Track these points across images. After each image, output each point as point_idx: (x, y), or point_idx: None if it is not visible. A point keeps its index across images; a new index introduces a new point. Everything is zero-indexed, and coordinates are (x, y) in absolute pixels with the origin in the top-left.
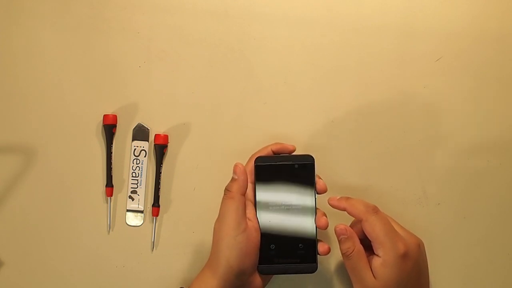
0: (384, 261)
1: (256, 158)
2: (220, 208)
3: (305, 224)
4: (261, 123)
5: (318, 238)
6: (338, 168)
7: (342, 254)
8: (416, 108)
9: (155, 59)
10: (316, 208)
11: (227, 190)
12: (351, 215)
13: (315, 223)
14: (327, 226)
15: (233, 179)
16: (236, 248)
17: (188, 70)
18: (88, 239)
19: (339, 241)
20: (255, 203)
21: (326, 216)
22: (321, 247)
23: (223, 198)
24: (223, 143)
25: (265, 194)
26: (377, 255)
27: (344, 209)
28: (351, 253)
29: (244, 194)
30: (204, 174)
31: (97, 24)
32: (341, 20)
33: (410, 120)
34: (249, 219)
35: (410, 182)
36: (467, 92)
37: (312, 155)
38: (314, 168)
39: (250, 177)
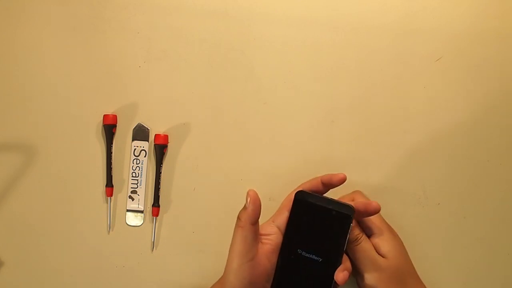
0: (381, 236)
1: (298, 192)
2: (233, 233)
3: (326, 271)
4: (261, 123)
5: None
6: (338, 168)
7: (352, 241)
8: (416, 108)
9: (155, 59)
10: (341, 260)
11: (238, 218)
12: None
13: (334, 275)
14: (345, 282)
15: (244, 207)
16: (241, 276)
17: (188, 70)
18: (88, 239)
19: None
20: (283, 235)
21: (348, 272)
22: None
23: (235, 224)
24: (223, 143)
25: (295, 230)
26: (372, 235)
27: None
28: (361, 237)
29: (254, 223)
30: (204, 174)
31: (97, 24)
32: (341, 20)
33: (410, 120)
34: (268, 244)
35: (410, 182)
36: (467, 92)
37: (353, 206)
38: (351, 219)
39: (289, 204)
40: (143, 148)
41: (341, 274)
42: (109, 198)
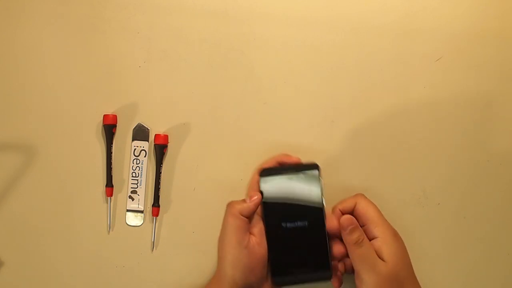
0: (383, 240)
1: (261, 171)
2: (222, 224)
3: (315, 231)
4: (261, 123)
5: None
6: (338, 168)
7: (353, 244)
8: (416, 108)
9: (155, 59)
10: (325, 214)
11: (231, 206)
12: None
13: (326, 227)
14: (338, 227)
15: (243, 201)
16: (239, 265)
17: (188, 70)
18: (88, 239)
19: (348, 232)
20: (262, 216)
21: (335, 218)
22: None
23: (225, 213)
24: (223, 143)
25: (272, 206)
26: (374, 238)
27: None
28: (362, 240)
29: (245, 216)
30: (204, 174)
31: (97, 24)
32: (341, 20)
33: (410, 120)
34: (253, 235)
35: (410, 182)
36: (467, 92)
37: (317, 163)
38: (319, 175)
39: (256, 187)
40: (143, 148)
41: (333, 222)
42: (109, 198)
